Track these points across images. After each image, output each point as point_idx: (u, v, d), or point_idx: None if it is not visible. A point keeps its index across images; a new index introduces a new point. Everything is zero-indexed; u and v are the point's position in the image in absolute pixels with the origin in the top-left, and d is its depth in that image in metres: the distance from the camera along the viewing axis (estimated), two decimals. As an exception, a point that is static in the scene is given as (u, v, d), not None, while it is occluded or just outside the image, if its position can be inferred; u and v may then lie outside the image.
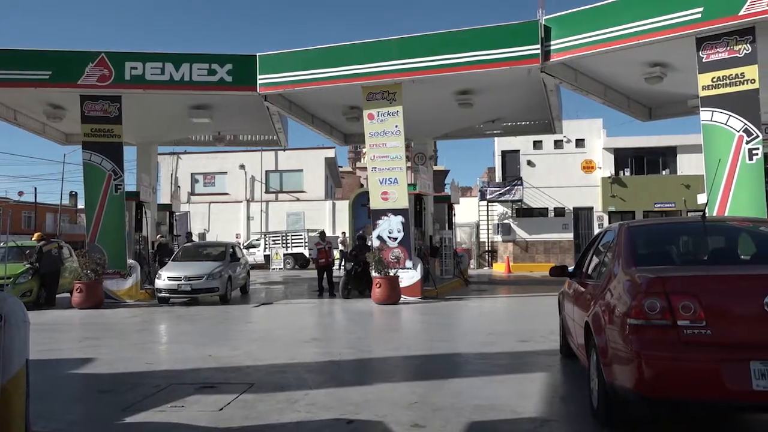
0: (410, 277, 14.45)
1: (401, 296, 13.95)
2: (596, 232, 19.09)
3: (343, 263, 16.13)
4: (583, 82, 14.14)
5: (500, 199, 29.23)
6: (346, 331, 10.65)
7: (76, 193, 41.38)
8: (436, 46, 13.90)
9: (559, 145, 29.09)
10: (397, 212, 14.70)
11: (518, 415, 4.92)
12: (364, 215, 20.76)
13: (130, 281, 15.16)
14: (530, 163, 29.53)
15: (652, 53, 12.30)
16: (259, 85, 15.14)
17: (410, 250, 14.70)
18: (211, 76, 15.08)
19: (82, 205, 30.72)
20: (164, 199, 26.71)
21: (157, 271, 15.42)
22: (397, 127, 14.59)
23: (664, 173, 28.92)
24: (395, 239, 14.67)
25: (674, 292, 3.90)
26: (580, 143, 29.24)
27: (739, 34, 10.73)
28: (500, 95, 15.85)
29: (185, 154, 37.82)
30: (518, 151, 29.44)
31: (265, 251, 31.22)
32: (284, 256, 30.57)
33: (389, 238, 14.70)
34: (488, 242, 31.03)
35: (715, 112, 10.95)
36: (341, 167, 48.77)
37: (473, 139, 21.50)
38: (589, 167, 29.12)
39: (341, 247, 25.80)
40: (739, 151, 10.59)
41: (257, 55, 15.28)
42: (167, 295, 14.37)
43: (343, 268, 15.87)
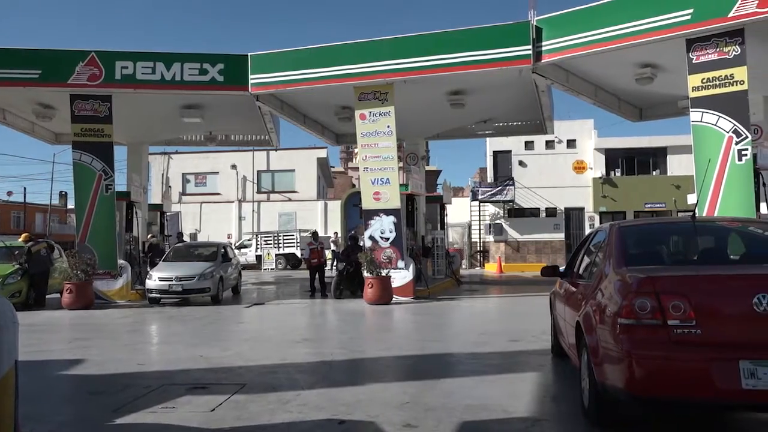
0: (402, 277, 14.46)
1: (393, 296, 13.96)
2: (587, 232, 19.17)
3: (335, 263, 16.13)
4: (574, 82, 14.21)
5: (492, 199, 29.33)
6: (337, 331, 10.64)
7: (65, 193, 41.21)
8: (427, 46, 13.92)
9: (550, 145, 29.22)
10: (389, 212, 14.70)
11: (510, 414, 4.93)
12: (356, 215, 20.77)
13: (120, 282, 15.08)
14: (522, 163, 29.64)
15: (642, 54, 12.37)
16: (250, 84, 15.11)
17: (402, 250, 14.71)
18: (202, 75, 15.03)
19: (71, 205, 30.56)
20: (155, 199, 26.59)
21: (147, 271, 15.35)
22: (389, 127, 14.60)
23: (654, 174, 29.10)
24: (387, 239, 14.68)
25: (664, 291, 3.92)
26: (571, 144, 29.39)
27: (728, 35, 10.81)
28: (492, 96, 15.89)
29: (176, 154, 37.66)
30: (510, 151, 29.54)
31: (256, 251, 31.15)
32: (276, 256, 30.51)
33: (381, 238, 14.71)
34: (480, 242, 31.10)
35: (704, 113, 11.03)
36: (333, 167, 48.74)
37: (465, 139, 21.56)
38: (580, 168, 29.26)
39: (333, 247, 25.79)
40: (728, 151, 10.67)
41: (249, 54, 15.24)
42: (158, 295, 14.30)
43: (335, 268, 15.86)
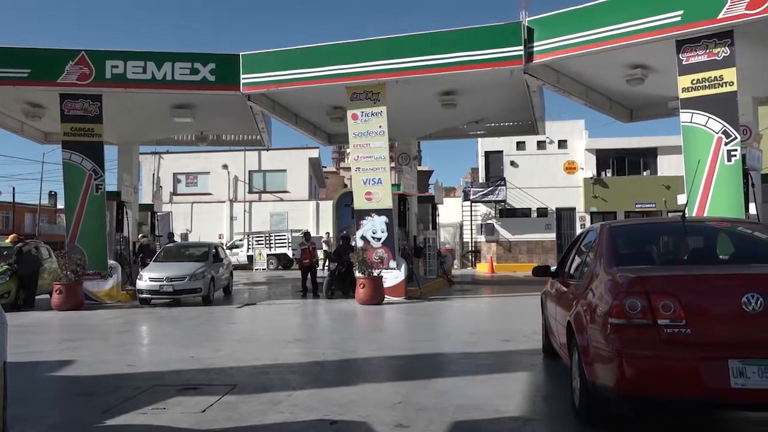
0: (394, 277, 14.46)
1: (385, 296, 13.95)
2: (578, 232, 19.26)
3: (326, 264, 16.11)
4: (565, 83, 14.26)
5: (484, 199, 29.40)
6: (329, 331, 10.63)
7: (55, 192, 40.85)
8: (419, 46, 13.93)
9: (541, 145, 29.32)
10: (380, 212, 14.70)
11: (501, 414, 4.94)
12: (347, 215, 20.72)
13: (110, 282, 14.99)
14: (513, 163, 29.73)
15: (633, 55, 12.44)
16: (242, 84, 15.06)
17: (394, 250, 14.71)
18: (193, 75, 14.97)
19: (61, 205, 30.31)
20: (146, 199, 26.45)
21: (138, 272, 15.27)
22: (381, 127, 14.60)
23: (644, 174, 29.27)
24: (379, 239, 14.68)
25: (655, 291, 3.95)
26: (562, 144, 29.51)
27: (717, 37, 10.89)
28: (483, 96, 15.93)
29: (167, 153, 37.49)
30: (501, 151, 29.63)
31: (248, 252, 31.07)
32: (267, 256, 30.44)
33: (373, 238, 14.71)
34: (472, 242, 31.16)
35: (694, 113, 11.10)
36: (325, 167, 48.65)
37: (457, 139, 21.61)
38: (571, 168, 29.38)
39: (325, 247, 25.75)
40: (718, 152, 10.75)
41: (240, 54, 15.19)
42: (149, 296, 14.23)
43: (326, 268, 15.84)
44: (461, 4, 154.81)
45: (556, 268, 6.53)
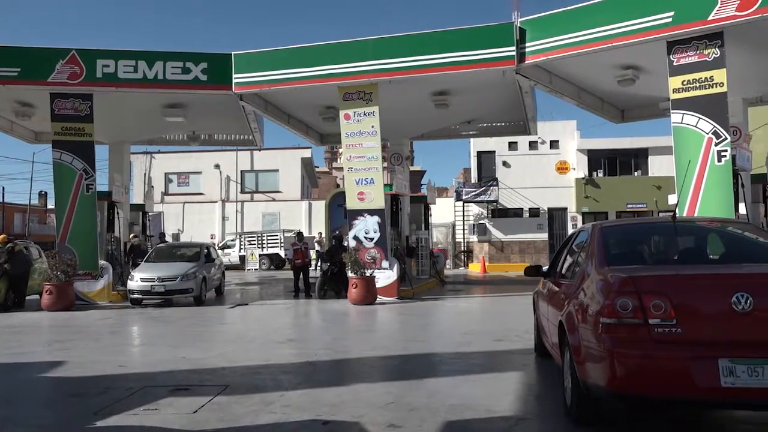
0: (386, 277, 14.46)
1: (377, 296, 13.95)
2: (570, 232, 19.35)
3: (319, 264, 16.09)
4: (557, 84, 14.31)
5: (476, 199, 29.47)
6: (322, 331, 10.62)
7: (45, 192, 40.69)
8: (411, 46, 13.95)
9: (534, 146, 29.44)
10: (373, 212, 14.70)
11: (493, 413, 4.96)
12: (340, 215, 20.74)
13: (101, 283, 14.90)
14: (505, 163, 29.82)
15: (624, 56, 12.50)
16: (234, 84, 15.02)
17: (386, 250, 14.71)
18: (185, 74, 14.91)
19: (51, 205, 30.13)
20: (137, 199, 26.36)
21: (129, 272, 15.19)
22: (373, 127, 14.60)
23: (636, 174, 29.43)
24: (371, 239, 14.67)
25: (645, 291, 3.97)
26: (554, 144, 29.62)
27: (708, 38, 10.97)
28: (476, 96, 15.96)
29: (159, 153, 37.32)
30: (494, 152, 29.72)
31: (240, 252, 30.97)
32: (260, 256, 30.36)
33: (365, 238, 14.70)
34: (464, 242, 31.23)
35: (685, 114, 11.18)
36: (317, 167, 48.62)
37: (449, 139, 21.63)
38: (563, 168, 29.51)
39: (317, 247, 25.74)
40: (708, 152, 10.82)
41: (232, 54, 15.15)
42: (140, 296, 14.16)
43: (319, 268, 15.82)
44: (453, 4, 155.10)
45: (548, 268, 6.55)
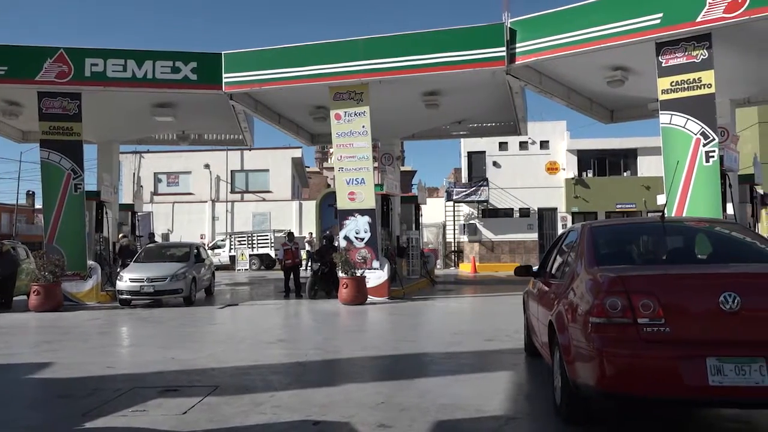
0: (377, 277, 14.46)
1: (368, 297, 13.95)
2: (560, 232, 19.45)
3: (309, 264, 16.06)
4: (547, 84, 14.38)
5: (466, 199, 29.54)
6: (312, 332, 10.60)
7: (33, 192, 40.33)
8: (402, 46, 13.97)
9: (524, 146, 29.56)
10: (364, 212, 14.70)
11: (483, 413, 4.97)
12: (330, 215, 20.75)
13: (90, 283, 14.79)
14: (496, 164, 29.91)
15: (614, 57, 12.57)
16: (224, 83, 14.96)
17: (377, 250, 14.71)
18: (174, 74, 14.83)
19: (39, 204, 29.88)
20: (126, 199, 26.19)
21: (118, 272, 15.09)
22: (364, 127, 14.60)
23: (625, 175, 29.61)
24: (362, 239, 14.67)
25: (634, 290, 3.99)
26: (544, 145, 29.76)
27: (696, 39, 11.05)
28: (466, 97, 16.00)
29: (148, 153, 37.10)
30: (484, 152, 29.80)
31: (230, 252, 30.86)
32: (250, 256, 30.27)
33: (356, 238, 14.70)
34: (455, 242, 31.29)
35: (673, 115, 11.26)
36: (308, 167, 48.55)
37: (440, 140, 21.67)
38: (553, 168, 29.64)
39: (308, 247, 25.70)
40: (696, 153, 10.91)
41: (222, 53, 15.09)
42: (129, 297, 14.07)
43: (309, 268, 15.80)
44: (444, 4, 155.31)
45: (537, 267, 6.57)
